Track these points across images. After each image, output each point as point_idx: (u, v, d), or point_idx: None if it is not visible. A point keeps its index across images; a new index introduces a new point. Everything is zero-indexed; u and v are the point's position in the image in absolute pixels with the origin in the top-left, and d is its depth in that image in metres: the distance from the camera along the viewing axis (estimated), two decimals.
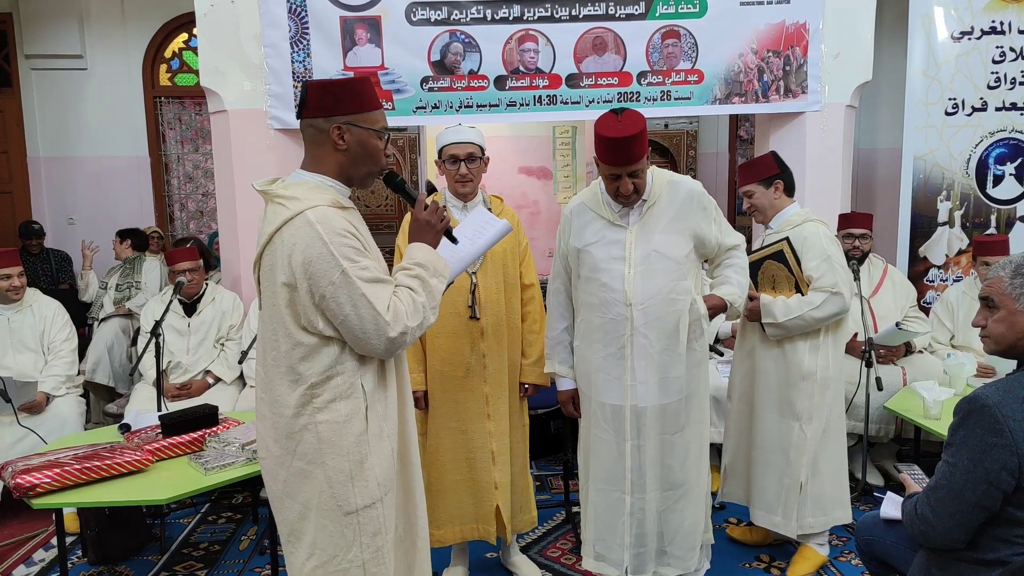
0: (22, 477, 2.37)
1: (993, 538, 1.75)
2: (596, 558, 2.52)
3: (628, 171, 2.31)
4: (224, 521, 3.57)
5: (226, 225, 4.35)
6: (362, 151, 1.77)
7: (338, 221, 1.68)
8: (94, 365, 4.44)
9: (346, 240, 1.67)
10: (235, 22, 4.01)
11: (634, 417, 2.42)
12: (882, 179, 6.32)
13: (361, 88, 1.78)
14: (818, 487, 2.84)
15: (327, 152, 1.77)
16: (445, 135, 2.70)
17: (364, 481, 1.76)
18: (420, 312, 1.75)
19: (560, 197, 8.13)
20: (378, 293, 1.68)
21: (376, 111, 1.79)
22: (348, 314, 1.66)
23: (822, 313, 2.76)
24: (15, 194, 6.39)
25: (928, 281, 4.49)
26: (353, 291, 1.65)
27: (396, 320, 1.69)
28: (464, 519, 2.76)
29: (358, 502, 1.75)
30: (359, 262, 1.68)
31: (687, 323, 2.40)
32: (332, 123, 1.74)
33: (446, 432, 2.71)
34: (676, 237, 2.41)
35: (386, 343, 1.70)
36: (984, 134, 4.37)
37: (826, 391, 2.83)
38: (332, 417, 1.72)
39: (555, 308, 2.62)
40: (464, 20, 4.05)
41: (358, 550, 1.77)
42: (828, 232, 2.89)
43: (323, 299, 1.66)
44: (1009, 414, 1.68)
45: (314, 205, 1.68)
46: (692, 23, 4.10)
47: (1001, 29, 4.29)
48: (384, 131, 1.80)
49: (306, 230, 1.65)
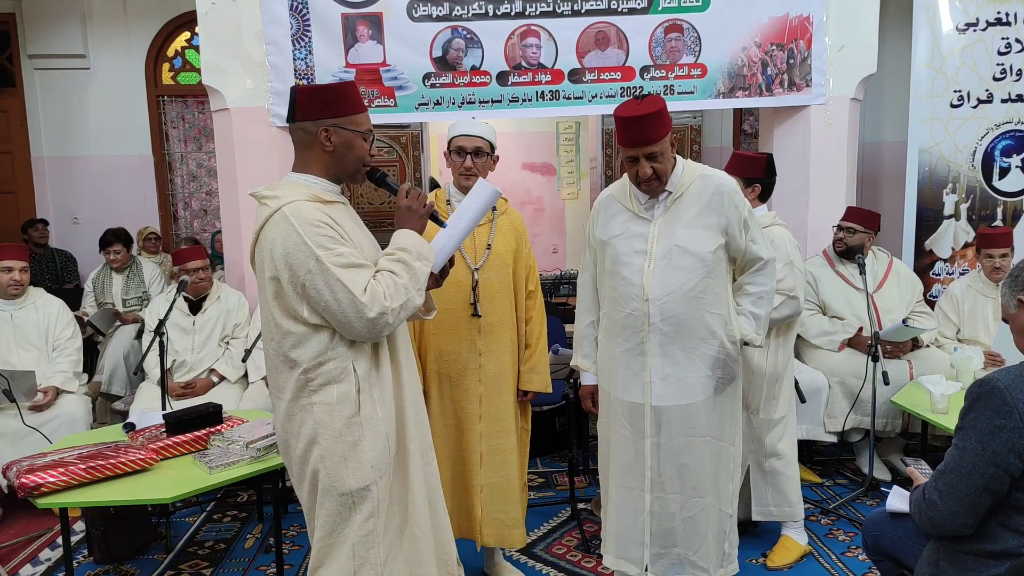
0: (27, 476, 2.37)
1: (1002, 527, 1.76)
2: (616, 555, 2.49)
3: (645, 152, 2.24)
4: (229, 520, 3.57)
5: (229, 223, 4.36)
6: (348, 152, 1.88)
7: (311, 213, 1.77)
8: (110, 376, 4.42)
9: (319, 230, 1.75)
10: (237, 20, 4.00)
11: (653, 415, 2.36)
12: (887, 172, 6.29)
13: (347, 92, 1.89)
14: (778, 476, 2.98)
15: (315, 154, 1.88)
16: (456, 126, 2.68)
17: (358, 463, 1.83)
18: (402, 293, 1.81)
19: (564, 193, 8.13)
20: (354, 277, 1.76)
21: (361, 114, 1.90)
22: (328, 300, 1.74)
23: (779, 315, 2.85)
24: (19, 194, 6.41)
25: (934, 274, 4.47)
26: (329, 277, 1.73)
27: (373, 301, 1.76)
28: (457, 516, 2.70)
29: (351, 484, 1.83)
30: (333, 249, 1.76)
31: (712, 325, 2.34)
32: (320, 126, 1.84)
33: (437, 430, 2.66)
34: (702, 232, 2.32)
35: (367, 324, 1.76)
36: (990, 126, 4.34)
37: (775, 386, 2.96)
38: (325, 399, 1.81)
39: (583, 301, 2.59)
40: (466, 16, 4.04)
41: (349, 530, 1.85)
42: (791, 237, 3.02)
43: (303, 288, 1.75)
44: (1019, 396, 1.69)
45: (290, 200, 1.78)
46: (695, 17, 4.08)
47: (1006, 20, 4.26)
48: (368, 132, 1.90)
49: (282, 224, 1.76)
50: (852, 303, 3.82)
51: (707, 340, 2.34)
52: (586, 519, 3.40)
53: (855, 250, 3.74)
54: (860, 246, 3.75)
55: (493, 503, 2.72)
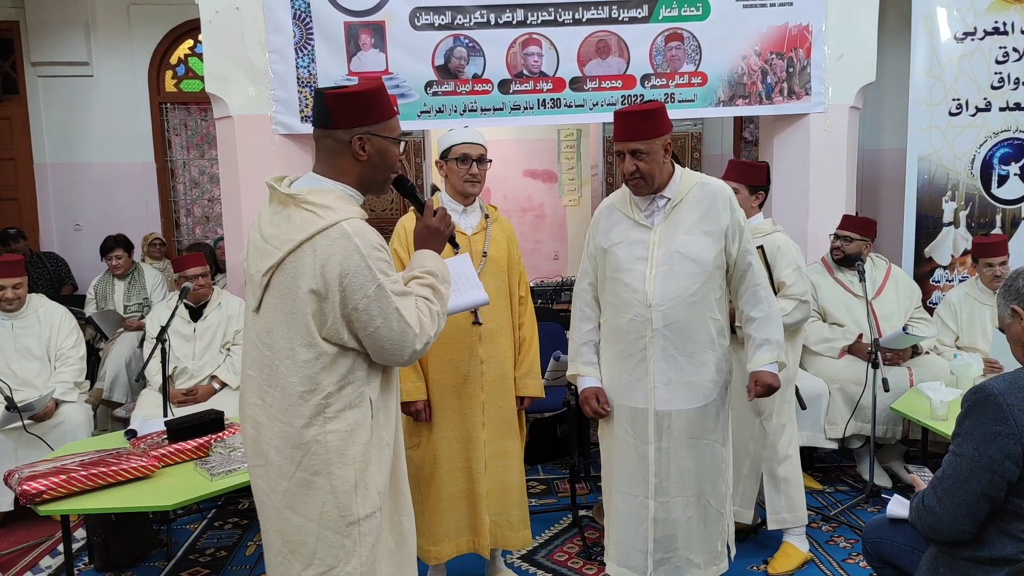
0: (29, 484, 2.37)
1: (1000, 533, 1.76)
2: (619, 563, 2.50)
3: (630, 148, 2.29)
4: (230, 527, 3.57)
5: (232, 230, 4.36)
6: (382, 160, 1.78)
7: (373, 235, 1.69)
8: (111, 383, 4.42)
9: (381, 254, 1.69)
10: (240, 28, 4.03)
11: (657, 421, 2.38)
12: (887, 180, 6.30)
13: (381, 97, 1.78)
14: (788, 483, 2.97)
15: (347, 162, 1.76)
16: (454, 134, 2.69)
17: (366, 490, 1.75)
18: (436, 321, 1.80)
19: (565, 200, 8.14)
20: (407, 307, 1.72)
21: (393, 119, 1.79)
22: (379, 327, 1.68)
23: (791, 320, 2.88)
24: (21, 200, 6.42)
25: (934, 281, 4.48)
26: (386, 305, 1.67)
27: (423, 332, 1.74)
28: (460, 531, 2.71)
29: (360, 512, 1.74)
30: (391, 276, 1.70)
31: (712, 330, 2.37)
32: (353, 134, 1.73)
33: (443, 443, 2.67)
34: (701, 238, 2.36)
35: (411, 354, 1.73)
36: (988, 134, 4.36)
37: (785, 389, 2.95)
38: (341, 426, 1.72)
39: (582, 310, 2.56)
40: (468, 25, 4.06)
41: (357, 562, 1.75)
42: (795, 243, 3.07)
43: (355, 311, 1.67)
44: (1014, 403, 1.70)
45: (348, 217, 1.68)
46: (695, 26, 4.10)
47: (1004, 29, 4.29)
48: (401, 138, 1.81)
49: (342, 242, 1.65)
50: (851, 310, 3.83)
51: (708, 345, 2.38)
52: (587, 526, 3.41)
53: (853, 258, 3.75)
54: (857, 254, 3.77)
55: (494, 506, 2.73)
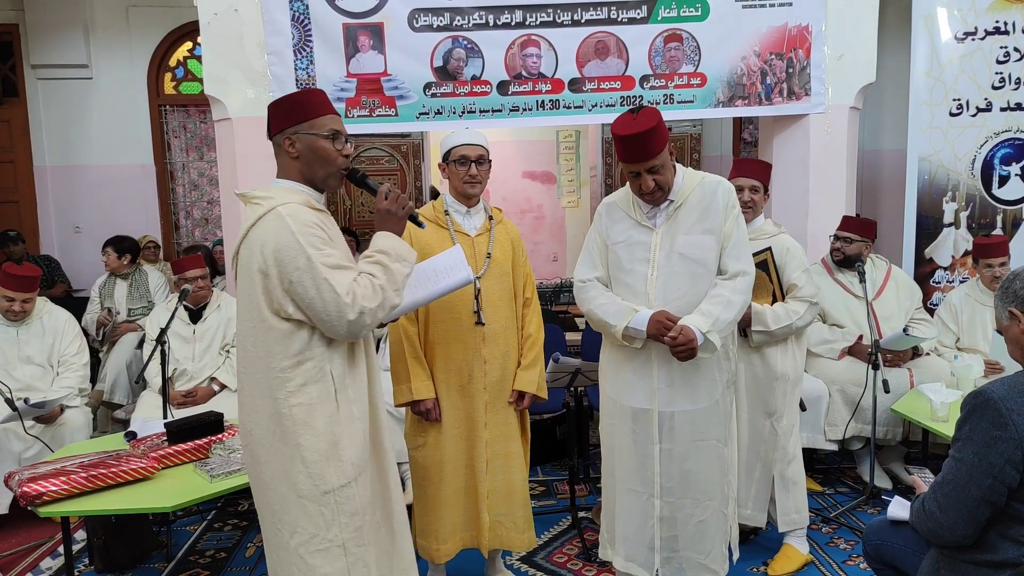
0: (29, 485, 2.37)
1: (1001, 537, 1.76)
2: (626, 558, 2.50)
3: (646, 167, 2.29)
4: (230, 528, 3.57)
5: (231, 232, 4.37)
6: (313, 155, 1.92)
7: (306, 215, 1.84)
8: (112, 385, 4.41)
9: (312, 231, 1.83)
10: (239, 30, 4.02)
11: (661, 421, 2.38)
12: (887, 180, 6.30)
13: (305, 98, 1.95)
14: (795, 484, 2.97)
15: (287, 162, 1.95)
16: (454, 137, 2.71)
17: (339, 461, 1.87)
18: (379, 294, 1.86)
19: (564, 201, 8.15)
20: (339, 278, 1.82)
21: (323, 116, 1.93)
22: (313, 297, 1.80)
23: (803, 322, 2.89)
24: (21, 203, 6.42)
25: (934, 282, 4.47)
26: (316, 275, 1.79)
27: (354, 303, 1.82)
28: (462, 527, 2.73)
29: (334, 482, 1.86)
30: (323, 250, 1.82)
31: None
32: (283, 135, 1.92)
33: (448, 441, 2.69)
34: (702, 238, 2.35)
35: (347, 325, 1.82)
36: (989, 134, 4.35)
37: (795, 389, 2.97)
38: (304, 400, 1.85)
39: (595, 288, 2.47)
40: (466, 26, 4.06)
41: (338, 529, 1.88)
42: (798, 244, 3.06)
43: (291, 284, 1.81)
44: (1013, 408, 1.69)
45: (286, 202, 1.85)
46: (694, 26, 4.10)
47: (1005, 29, 4.28)
48: (333, 133, 1.93)
49: (277, 222, 1.82)
50: (851, 311, 3.82)
51: None
52: (587, 527, 3.40)
53: (853, 259, 3.74)
54: (858, 255, 3.76)
55: (497, 507, 2.73)
